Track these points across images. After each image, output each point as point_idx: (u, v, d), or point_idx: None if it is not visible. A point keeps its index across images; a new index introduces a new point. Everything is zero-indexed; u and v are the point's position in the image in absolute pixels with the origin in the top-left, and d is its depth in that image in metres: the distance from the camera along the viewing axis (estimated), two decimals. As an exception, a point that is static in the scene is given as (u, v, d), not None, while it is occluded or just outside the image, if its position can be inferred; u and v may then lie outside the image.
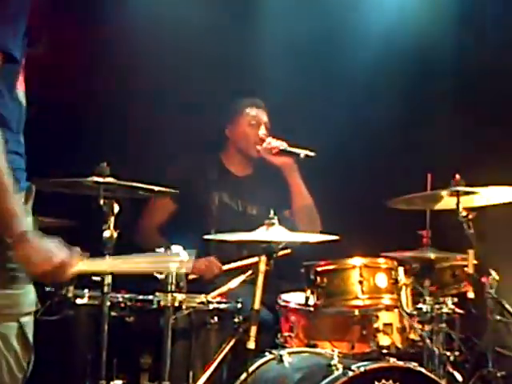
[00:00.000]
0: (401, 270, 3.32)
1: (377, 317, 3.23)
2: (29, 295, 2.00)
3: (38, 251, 1.92)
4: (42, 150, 4.05)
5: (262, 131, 4.06)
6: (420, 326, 3.31)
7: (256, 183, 4.08)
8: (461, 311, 3.35)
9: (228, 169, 4.12)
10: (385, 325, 3.24)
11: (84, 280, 3.00)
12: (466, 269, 3.31)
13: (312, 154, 3.84)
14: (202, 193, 4.00)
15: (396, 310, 3.27)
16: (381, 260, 3.29)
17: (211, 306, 3.07)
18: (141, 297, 3.08)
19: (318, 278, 3.21)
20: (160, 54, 4.27)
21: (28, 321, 1.99)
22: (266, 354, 3.09)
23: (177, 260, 2.30)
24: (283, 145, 3.96)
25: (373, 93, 4.44)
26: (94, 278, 2.95)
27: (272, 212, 3.03)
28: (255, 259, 3.03)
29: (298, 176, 4.02)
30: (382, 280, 3.23)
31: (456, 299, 3.36)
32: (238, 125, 4.10)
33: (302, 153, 3.85)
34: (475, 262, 3.27)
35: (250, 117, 4.09)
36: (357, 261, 3.24)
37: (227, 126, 4.13)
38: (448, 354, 3.28)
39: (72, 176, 3.00)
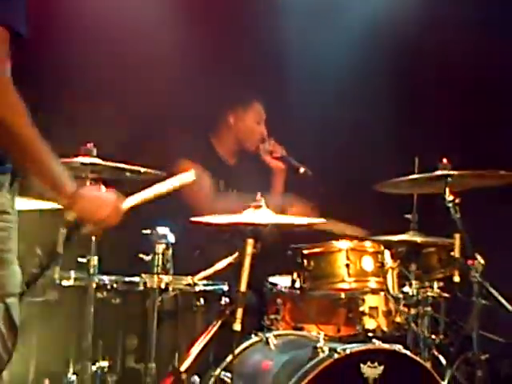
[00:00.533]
0: (387, 253, 3.33)
1: (363, 300, 3.24)
2: (15, 276, 1.99)
3: (92, 201, 2.06)
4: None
5: (265, 130, 4.07)
6: (406, 310, 3.32)
7: (243, 173, 4.09)
8: (446, 295, 3.37)
9: (219, 155, 4.11)
10: (371, 308, 3.25)
11: (70, 262, 2.99)
12: (452, 253, 3.32)
13: (309, 173, 3.92)
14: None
15: (382, 294, 3.29)
16: (367, 243, 3.30)
17: (197, 288, 3.07)
18: (127, 279, 3.07)
19: (305, 261, 3.22)
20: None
21: (13, 302, 1.97)
22: (252, 336, 3.10)
23: (186, 176, 2.53)
24: (284, 152, 4.03)
25: (360, 78, 4.43)
26: (80, 260, 2.93)
27: (259, 194, 3.02)
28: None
29: (282, 181, 4.08)
30: (368, 263, 3.24)
31: (442, 283, 3.38)
32: (244, 117, 4.08)
33: (302, 168, 3.94)
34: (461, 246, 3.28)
35: (257, 112, 4.09)
36: (343, 244, 3.25)
37: (230, 114, 4.08)
38: (433, 337, 3.31)
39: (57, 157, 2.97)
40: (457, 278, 3.28)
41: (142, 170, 3.05)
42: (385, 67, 4.49)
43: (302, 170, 3.95)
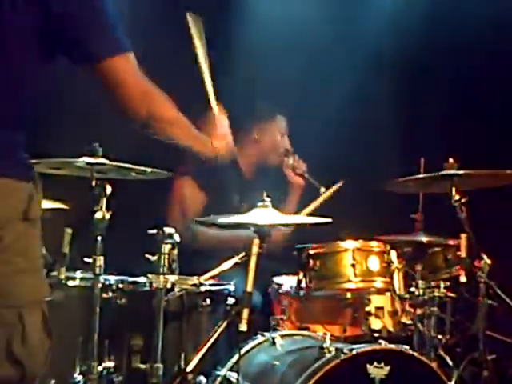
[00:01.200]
0: (393, 253, 3.32)
1: (369, 300, 3.23)
2: (46, 281, 2.03)
3: (228, 145, 2.56)
4: (31, 130, 4.05)
5: (288, 144, 4.04)
6: (412, 310, 3.31)
7: (259, 188, 4.08)
8: (453, 295, 3.36)
9: (239, 168, 4.08)
10: (377, 308, 3.25)
11: (76, 262, 2.99)
12: (458, 253, 3.31)
13: (328, 194, 3.91)
14: (223, 192, 3.97)
15: (388, 294, 3.28)
16: (373, 243, 3.29)
17: (203, 288, 3.06)
18: (132, 279, 3.06)
19: (311, 261, 3.21)
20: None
21: (46, 307, 2.00)
22: (259, 336, 3.09)
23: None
24: (305, 169, 4.04)
25: (365, 78, 4.43)
26: (86, 260, 2.93)
27: (265, 194, 3.02)
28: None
29: (298, 197, 4.07)
30: (374, 263, 3.23)
31: (448, 283, 3.37)
32: (268, 130, 4.07)
33: (322, 189, 3.93)
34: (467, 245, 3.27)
35: (280, 126, 4.08)
36: (349, 244, 3.24)
37: (254, 128, 4.06)
38: (439, 337, 3.29)
39: (62, 157, 2.97)
40: (463, 278, 3.27)
41: (149, 169, 3.05)
42: (390, 67, 4.49)
43: (322, 190, 3.93)
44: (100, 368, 2.88)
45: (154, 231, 2.94)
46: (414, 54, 4.48)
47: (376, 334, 3.20)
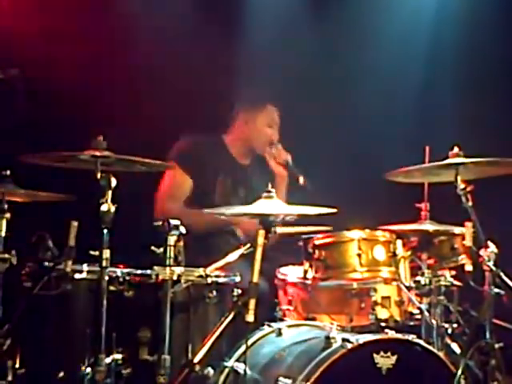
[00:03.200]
0: (399, 242, 3.32)
1: (375, 290, 3.23)
2: None
3: None
4: (37, 125, 4.07)
5: (276, 134, 4.06)
6: (418, 299, 3.31)
7: (254, 173, 4.09)
8: (459, 283, 3.35)
9: (231, 154, 4.10)
10: (383, 298, 3.25)
11: (82, 255, 3.00)
12: (464, 241, 3.30)
13: (304, 184, 3.92)
14: (211, 174, 3.99)
15: (394, 283, 3.28)
16: (379, 233, 3.30)
17: (210, 280, 3.06)
18: (139, 271, 3.07)
19: (317, 252, 3.21)
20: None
21: None
22: (265, 327, 3.10)
23: None
24: (289, 160, 4.03)
25: (370, 67, 4.42)
26: (92, 253, 2.94)
27: (269, 185, 3.02)
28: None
29: (283, 187, 4.07)
30: (380, 253, 3.24)
31: (454, 272, 3.36)
32: (256, 119, 4.09)
33: (301, 179, 3.94)
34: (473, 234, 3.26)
35: (269, 116, 4.09)
36: (355, 234, 3.24)
37: (242, 115, 4.08)
38: (446, 326, 3.29)
39: (68, 150, 2.98)
40: (469, 267, 3.26)
41: (153, 161, 3.05)
42: (396, 57, 4.48)
43: (301, 180, 3.96)
44: (108, 360, 2.90)
45: (160, 223, 2.95)
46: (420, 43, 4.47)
47: (383, 324, 3.20)
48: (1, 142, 3.94)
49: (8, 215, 3.24)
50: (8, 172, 3.23)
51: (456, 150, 3.29)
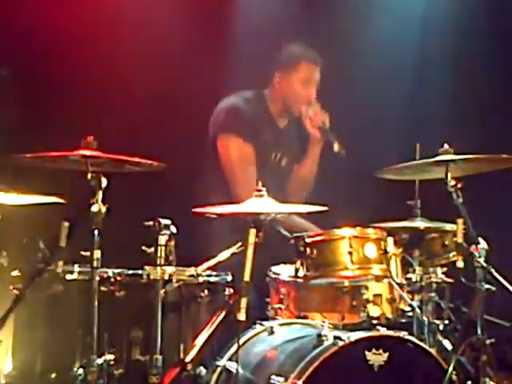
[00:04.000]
0: (390, 240, 3.32)
1: (366, 287, 3.24)
2: None
3: None
4: (26, 125, 4.07)
5: (313, 93, 3.89)
6: (410, 296, 3.32)
7: (290, 137, 3.97)
8: (450, 280, 3.36)
9: (271, 113, 3.96)
10: (375, 295, 3.25)
11: (73, 255, 3.00)
12: (455, 238, 3.31)
13: (343, 153, 3.78)
14: (264, 141, 3.86)
15: (386, 281, 3.28)
16: (370, 230, 3.30)
17: (201, 279, 3.06)
18: (130, 271, 3.07)
19: (308, 250, 3.21)
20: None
21: None
22: (257, 326, 3.10)
23: None
24: (326, 123, 3.88)
25: (362, 66, 4.43)
26: (83, 253, 2.93)
27: (260, 184, 3.01)
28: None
29: (318, 151, 3.96)
30: (371, 250, 3.24)
31: (445, 269, 3.37)
32: (289, 77, 3.91)
33: (336, 146, 3.78)
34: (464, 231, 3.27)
35: (303, 73, 3.89)
36: (346, 231, 3.25)
37: (276, 72, 3.92)
38: (437, 322, 3.30)
39: (57, 150, 2.97)
40: (460, 264, 3.27)
41: (143, 161, 3.04)
42: (386, 57, 4.49)
43: (336, 147, 3.77)
44: (100, 361, 2.89)
45: (151, 223, 2.94)
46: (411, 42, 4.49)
47: (374, 321, 3.20)
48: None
49: (-1, 217, 3.24)
50: (-4, 174, 3.22)
51: (446, 147, 3.30)
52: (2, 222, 3.22)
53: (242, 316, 2.81)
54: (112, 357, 2.95)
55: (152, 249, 2.93)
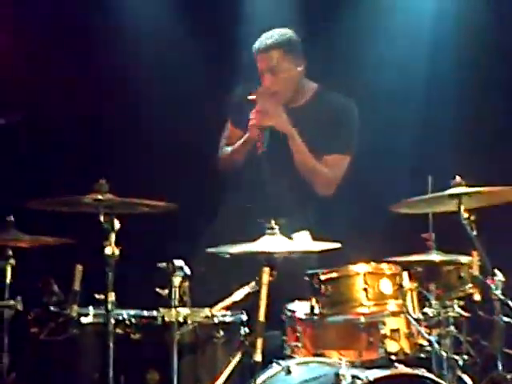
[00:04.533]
0: (405, 274, 3.29)
1: (383, 323, 3.20)
2: None
3: None
4: (39, 169, 4.10)
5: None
6: (427, 331, 3.28)
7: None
8: (467, 314, 3.32)
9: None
10: (392, 331, 3.21)
11: (87, 298, 3.00)
12: (471, 270, 3.28)
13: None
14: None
15: (402, 316, 3.25)
16: (384, 266, 3.27)
17: (216, 320, 3.05)
18: (145, 313, 3.06)
19: (322, 287, 3.19)
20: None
21: None
22: (274, 365, 3.07)
23: None
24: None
25: (371, 97, 4.44)
26: (97, 296, 2.93)
27: (273, 221, 3.01)
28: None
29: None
30: (386, 286, 3.21)
31: (462, 302, 3.33)
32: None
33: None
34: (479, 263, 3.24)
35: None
36: (360, 267, 3.22)
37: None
38: (456, 357, 3.25)
39: (70, 194, 2.98)
40: (477, 297, 3.24)
41: (156, 203, 3.05)
42: (395, 85, 4.49)
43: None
44: (117, 403, 2.87)
45: (164, 264, 2.94)
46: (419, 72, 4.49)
47: (393, 357, 3.17)
48: (4, 187, 3.96)
49: (13, 261, 3.25)
50: (12, 218, 3.24)
51: (458, 179, 3.29)
52: (16, 266, 3.24)
53: (258, 357, 2.78)
54: (129, 399, 2.93)
55: (166, 291, 2.92)
